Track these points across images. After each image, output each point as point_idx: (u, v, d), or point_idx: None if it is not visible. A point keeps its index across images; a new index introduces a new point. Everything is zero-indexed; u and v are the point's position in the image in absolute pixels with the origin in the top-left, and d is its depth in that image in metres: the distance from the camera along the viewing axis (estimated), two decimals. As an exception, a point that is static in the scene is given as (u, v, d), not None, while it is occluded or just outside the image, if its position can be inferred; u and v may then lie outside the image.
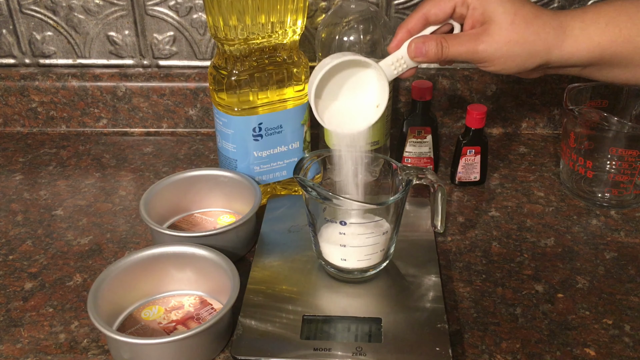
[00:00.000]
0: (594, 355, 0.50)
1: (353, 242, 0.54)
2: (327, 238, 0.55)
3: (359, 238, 0.53)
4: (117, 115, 0.83)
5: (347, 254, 0.54)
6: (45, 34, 0.81)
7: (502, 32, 0.51)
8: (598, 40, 0.51)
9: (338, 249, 0.54)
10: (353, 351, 0.48)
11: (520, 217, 0.67)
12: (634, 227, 0.65)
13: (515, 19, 0.51)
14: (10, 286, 0.57)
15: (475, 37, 0.52)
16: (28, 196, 0.71)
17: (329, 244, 0.55)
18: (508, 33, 0.51)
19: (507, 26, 0.51)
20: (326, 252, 0.56)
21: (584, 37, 0.51)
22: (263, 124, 0.64)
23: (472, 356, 0.50)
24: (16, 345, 0.51)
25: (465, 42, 0.52)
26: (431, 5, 0.53)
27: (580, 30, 0.51)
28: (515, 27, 0.51)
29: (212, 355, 0.50)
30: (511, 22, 0.51)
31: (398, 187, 0.55)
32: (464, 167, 0.71)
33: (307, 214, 0.55)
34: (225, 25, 0.59)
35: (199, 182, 0.65)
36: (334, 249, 0.55)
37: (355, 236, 0.53)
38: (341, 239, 0.54)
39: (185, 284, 0.56)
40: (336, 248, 0.54)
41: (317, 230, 0.56)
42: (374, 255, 0.55)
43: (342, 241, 0.54)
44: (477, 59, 0.53)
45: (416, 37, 0.54)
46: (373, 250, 0.54)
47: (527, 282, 0.57)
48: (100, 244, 0.63)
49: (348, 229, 0.53)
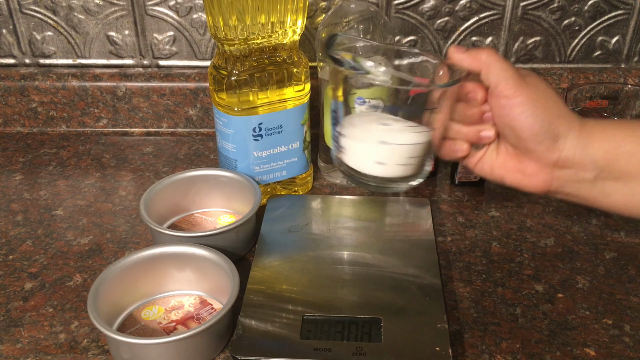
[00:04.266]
0: (594, 355, 0.50)
1: (397, 138, 0.45)
2: (361, 135, 0.46)
3: (406, 133, 0.45)
4: (117, 115, 0.83)
5: (386, 155, 0.46)
6: (45, 34, 0.81)
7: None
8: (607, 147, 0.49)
9: (375, 149, 0.45)
10: (353, 351, 0.48)
11: (520, 217, 0.67)
12: (634, 227, 0.65)
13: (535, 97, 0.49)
14: (10, 286, 0.57)
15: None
16: (28, 196, 0.71)
17: (362, 142, 0.46)
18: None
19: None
20: (357, 154, 0.47)
21: (599, 135, 0.49)
22: (263, 124, 0.64)
23: (472, 356, 0.50)
24: (16, 345, 0.51)
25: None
26: None
27: (598, 131, 0.49)
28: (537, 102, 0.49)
29: (212, 355, 0.50)
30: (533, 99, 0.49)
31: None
32: (463, 167, 0.71)
33: (335, 107, 0.47)
34: (225, 25, 0.59)
35: (199, 182, 0.65)
36: (370, 149, 0.46)
37: (401, 131, 0.45)
38: (382, 133, 0.45)
39: (185, 284, 0.56)
40: (373, 147, 0.46)
41: (343, 128, 0.47)
42: (415, 160, 0.47)
43: (383, 137, 0.45)
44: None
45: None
46: (416, 153, 0.46)
47: (527, 282, 0.57)
48: (100, 244, 0.63)
49: (393, 124, 0.45)
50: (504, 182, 0.53)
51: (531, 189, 0.51)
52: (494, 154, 0.52)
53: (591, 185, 0.50)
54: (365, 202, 0.67)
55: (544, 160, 0.49)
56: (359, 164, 0.47)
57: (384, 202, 0.67)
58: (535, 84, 0.49)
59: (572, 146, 0.48)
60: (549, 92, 0.49)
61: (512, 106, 0.48)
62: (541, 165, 0.50)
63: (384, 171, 0.47)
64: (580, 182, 0.50)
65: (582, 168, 0.49)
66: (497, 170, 0.53)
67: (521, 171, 0.51)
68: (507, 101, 0.48)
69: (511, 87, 0.48)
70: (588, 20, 0.78)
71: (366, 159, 0.46)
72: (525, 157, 0.50)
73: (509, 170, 0.52)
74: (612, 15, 0.78)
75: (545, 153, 0.49)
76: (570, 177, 0.50)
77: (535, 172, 0.50)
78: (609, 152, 0.48)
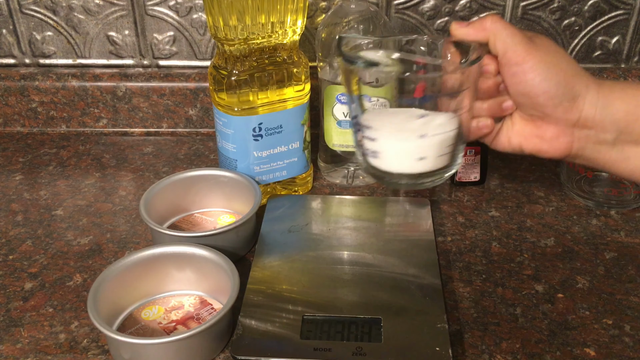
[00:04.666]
0: (594, 355, 0.50)
1: (436, 128, 0.42)
2: (397, 134, 0.42)
3: (442, 121, 0.42)
4: (117, 115, 0.83)
5: (427, 149, 0.43)
6: (45, 34, 0.81)
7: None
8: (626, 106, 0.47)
9: (416, 144, 0.43)
10: (353, 351, 0.48)
11: (520, 217, 0.67)
12: (634, 227, 0.65)
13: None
14: (10, 286, 0.57)
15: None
16: (28, 196, 0.71)
17: (400, 141, 0.43)
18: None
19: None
20: (395, 155, 0.44)
21: (619, 94, 0.48)
22: (263, 124, 0.64)
23: (472, 356, 0.50)
24: (16, 345, 0.51)
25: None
26: None
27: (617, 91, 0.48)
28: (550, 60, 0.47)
29: (212, 355, 0.50)
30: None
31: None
32: (464, 167, 0.71)
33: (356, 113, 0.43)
34: (225, 25, 0.59)
35: (199, 182, 0.65)
36: (410, 146, 0.43)
37: (437, 120, 0.42)
38: (420, 126, 0.42)
39: (185, 284, 0.56)
40: (413, 143, 0.43)
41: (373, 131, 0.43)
42: (452, 148, 0.44)
43: (422, 130, 0.42)
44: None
45: None
46: (453, 140, 0.44)
47: (527, 282, 0.57)
48: (100, 244, 0.63)
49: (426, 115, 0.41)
50: (523, 151, 0.51)
51: (551, 153, 0.50)
52: (509, 124, 0.51)
53: (611, 148, 0.48)
54: (365, 202, 0.67)
55: (564, 122, 0.48)
56: (397, 165, 0.44)
57: (384, 202, 0.67)
58: (545, 45, 0.47)
59: (592, 105, 0.47)
60: (560, 52, 0.47)
61: (524, 72, 0.46)
62: (561, 127, 0.48)
63: (424, 166, 0.45)
64: (601, 144, 0.48)
65: (602, 129, 0.47)
66: (514, 139, 0.51)
67: (540, 136, 0.49)
68: (518, 67, 0.46)
69: (520, 52, 0.46)
70: (588, 21, 0.78)
71: (406, 158, 0.44)
72: (543, 121, 0.49)
73: (528, 137, 0.50)
74: (612, 15, 0.78)
75: (565, 115, 0.47)
76: (590, 138, 0.48)
77: (555, 135, 0.49)
78: (630, 113, 0.47)
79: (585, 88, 0.47)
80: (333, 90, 0.66)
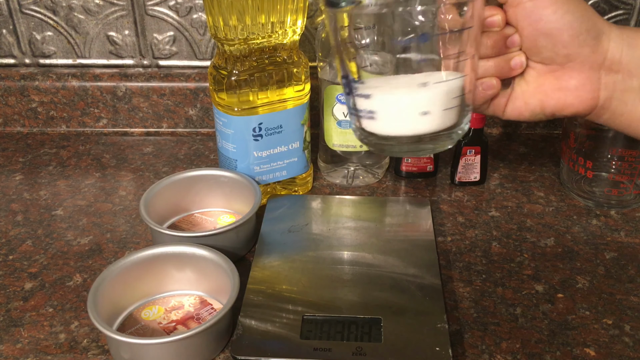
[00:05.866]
0: (594, 355, 0.50)
1: (439, 75, 0.36)
2: (394, 85, 0.37)
3: (445, 74, 0.36)
4: (117, 115, 0.83)
5: (431, 100, 0.36)
6: (45, 34, 0.81)
7: None
8: None
9: (417, 95, 0.36)
10: (353, 351, 0.48)
11: (520, 217, 0.67)
12: (634, 227, 0.65)
13: None
14: (10, 286, 0.57)
15: None
16: (28, 196, 0.71)
17: (398, 94, 0.37)
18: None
19: None
20: (394, 112, 0.38)
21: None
22: (263, 124, 0.64)
23: (472, 356, 0.50)
24: (16, 345, 0.51)
25: None
26: None
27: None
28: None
29: (212, 355, 0.50)
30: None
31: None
32: (463, 167, 0.71)
33: (345, 72, 0.38)
34: (225, 25, 0.59)
35: (199, 182, 0.65)
36: (411, 99, 0.37)
37: (438, 66, 0.37)
38: (419, 75, 0.37)
39: (185, 284, 0.56)
40: (414, 95, 0.37)
41: (367, 88, 0.38)
42: (458, 100, 0.38)
43: (422, 78, 0.36)
44: None
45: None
46: (459, 91, 0.38)
47: (527, 282, 0.57)
48: (100, 244, 0.63)
49: (427, 65, 0.36)
50: (545, 111, 0.47)
51: (577, 107, 0.45)
52: (522, 84, 0.47)
53: (638, 97, 0.45)
54: (365, 202, 0.67)
55: (589, 65, 0.44)
56: (397, 124, 0.38)
57: (384, 202, 0.67)
58: None
59: (617, 44, 0.43)
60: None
61: (543, 6, 0.42)
62: (586, 73, 0.44)
63: (429, 124, 0.38)
64: (629, 92, 0.45)
65: (629, 73, 0.44)
66: (533, 99, 0.46)
67: (564, 88, 0.45)
68: (535, 2, 0.42)
69: None
70: (588, 20, 0.78)
71: (407, 114, 0.38)
72: (565, 69, 0.45)
73: (549, 93, 0.46)
74: (612, 15, 0.78)
75: (591, 55, 0.43)
76: (617, 85, 0.45)
77: (581, 83, 0.45)
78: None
79: (607, 26, 0.43)
80: (333, 90, 0.66)
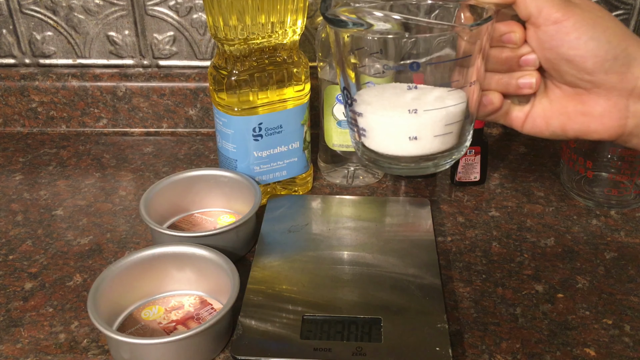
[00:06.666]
0: (594, 355, 0.50)
1: (430, 103, 0.36)
2: (383, 108, 0.37)
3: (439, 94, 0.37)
4: (117, 115, 0.83)
5: (419, 126, 0.37)
6: (45, 34, 0.81)
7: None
8: None
9: (405, 121, 0.37)
10: (353, 351, 0.48)
11: (520, 217, 0.67)
12: (634, 227, 0.65)
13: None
14: (10, 286, 0.57)
15: None
16: (28, 196, 0.71)
17: (386, 117, 0.37)
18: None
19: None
20: (382, 133, 0.38)
21: None
22: (263, 124, 0.64)
23: (472, 356, 0.50)
24: (16, 345, 0.51)
25: None
26: None
27: None
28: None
29: (212, 355, 0.50)
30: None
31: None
32: (463, 167, 0.71)
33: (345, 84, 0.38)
34: (225, 25, 0.59)
35: (199, 182, 0.65)
36: (398, 123, 0.37)
37: (432, 93, 0.37)
38: (411, 99, 0.37)
39: (185, 284, 0.56)
40: (401, 120, 0.37)
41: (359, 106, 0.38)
42: (454, 127, 0.38)
43: (412, 103, 0.37)
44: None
45: None
46: (455, 118, 0.38)
47: (527, 282, 0.57)
48: (100, 244, 0.63)
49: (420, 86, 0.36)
50: (567, 134, 0.44)
51: (602, 134, 0.42)
52: (545, 102, 0.44)
53: None
54: (365, 202, 0.67)
55: (617, 93, 0.40)
56: (386, 144, 0.39)
57: (384, 202, 0.67)
58: (584, 2, 0.40)
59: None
60: (603, 10, 0.41)
61: (566, 32, 0.39)
62: (613, 100, 0.41)
63: (418, 148, 0.38)
64: None
65: None
66: (555, 120, 0.43)
67: (587, 113, 0.42)
68: (558, 27, 0.39)
69: (558, 8, 0.39)
70: (588, 20, 0.78)
71: (395, 137, 0.38)
72: (590, 94, 0.41)
73: (572, 116, 0.43)
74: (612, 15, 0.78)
75: (618, 83, 0.40)
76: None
77: (607, 110, 0.41)
78: None
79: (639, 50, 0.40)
80: (333, 90, 0.66)
